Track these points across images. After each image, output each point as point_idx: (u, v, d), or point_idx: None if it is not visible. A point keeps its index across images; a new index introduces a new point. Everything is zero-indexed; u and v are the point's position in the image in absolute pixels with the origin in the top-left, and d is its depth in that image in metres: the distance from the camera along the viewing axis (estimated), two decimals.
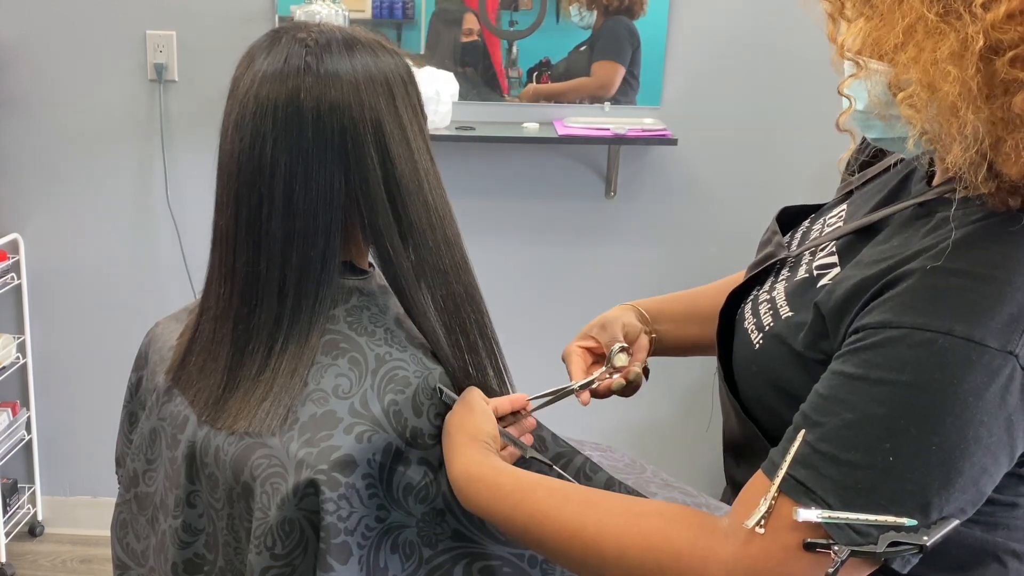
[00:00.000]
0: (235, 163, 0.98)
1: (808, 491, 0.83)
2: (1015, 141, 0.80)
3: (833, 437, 0.84)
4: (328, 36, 0.99)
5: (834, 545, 0.81)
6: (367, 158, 0.97)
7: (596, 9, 2.55)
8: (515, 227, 2.71)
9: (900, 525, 0.81)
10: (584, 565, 0.92)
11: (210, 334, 1.03)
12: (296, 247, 0.98)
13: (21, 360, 2.75)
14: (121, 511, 1.15)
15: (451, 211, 1.05)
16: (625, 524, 0.90)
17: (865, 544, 0.81)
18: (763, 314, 1.03)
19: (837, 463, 0.83)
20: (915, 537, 0.80)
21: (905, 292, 0.84)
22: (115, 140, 2.67)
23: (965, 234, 0.85)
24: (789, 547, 0.83)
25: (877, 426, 0.82)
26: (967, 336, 0.80)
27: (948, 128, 0.82)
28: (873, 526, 0.81)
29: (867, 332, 0.85)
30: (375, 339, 1.01)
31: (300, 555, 0.92)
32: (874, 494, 0.81)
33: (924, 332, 0.81)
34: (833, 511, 0.82)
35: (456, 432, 0.97)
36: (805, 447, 0.85)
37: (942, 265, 0.83)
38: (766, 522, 0.84)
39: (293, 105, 0.96)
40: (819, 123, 2.60)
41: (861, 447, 0.82)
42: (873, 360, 0.83)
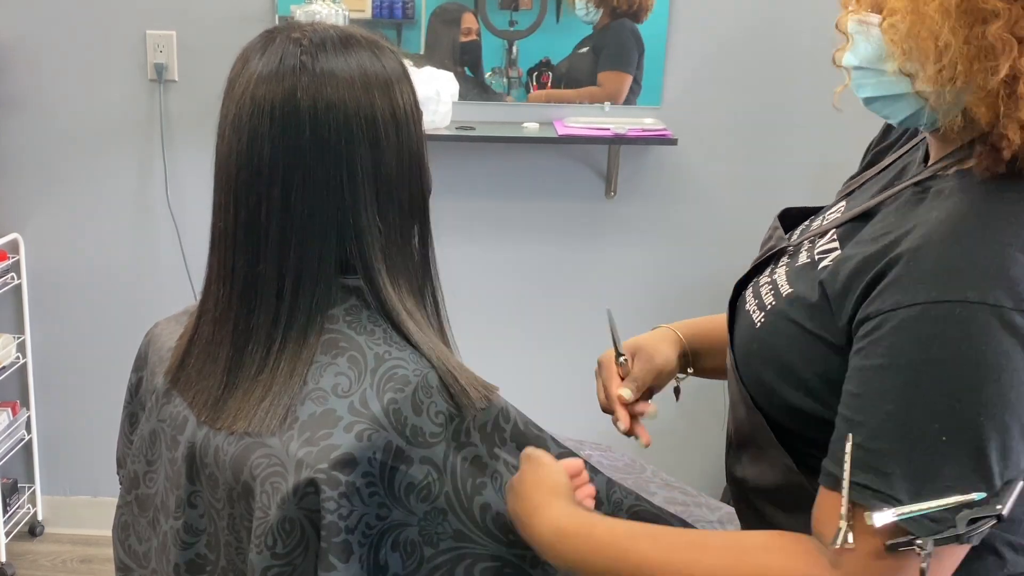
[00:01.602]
0: (233, 164, 0.98)
1: (876, 493, 0.83)
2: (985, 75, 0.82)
3: (881, 432, 0.84)
4: (323, 35, 0.99)
5: (917, 540, 0.81)
6: (365, 156, 0.98)
7: (603, 8, 2.54)
8: (515, 227, 2.71)
9: (971, 501, 0.81)
10: None
11: (209, 335, 1.03)
12: (293, 247, 0.98)
13: (21, 360, 2.75)
14: (122, 513, 1.15)
15: (426, 213, 1.06)
16: (734, 564, 0.90)
17: (945, 529, 0.81)
18: (764, 295, 1.04)
19: (893, 457, 0.83)
20: (989, 509, 0.81)
21: (910, 270, 0.84)
22: (115, 140, 2.67)
23: (961, 202, 0.86)
24: (877, 553, 0.84)
25: (920, 410, 0.82)
26: (982, 300, 0.80)
27: (925, 48, 0.84)
28: (947, 510, 0.81)
29: (882, 318, 0.85)
30: (374, 338, 1.01)
31: (301, 554, 0.93)
32: (938, 478, 0.82)
33: (940, 305, 0.81)
34: (904, 506, 0.82)
35: (533, 491, 0.96)
36: (858, 450, 0.85)
37: (942, 236, 0.84)
38: (850, 535, 0.84)
39: (290, 105, 0.96)
40: (819, 123, 2.61)
41: (911, 435, 0.82)
42: (896, 345, 0.84)
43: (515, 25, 2.57)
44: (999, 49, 0.82)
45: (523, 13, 2.56)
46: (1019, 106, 0.82)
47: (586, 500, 1.01)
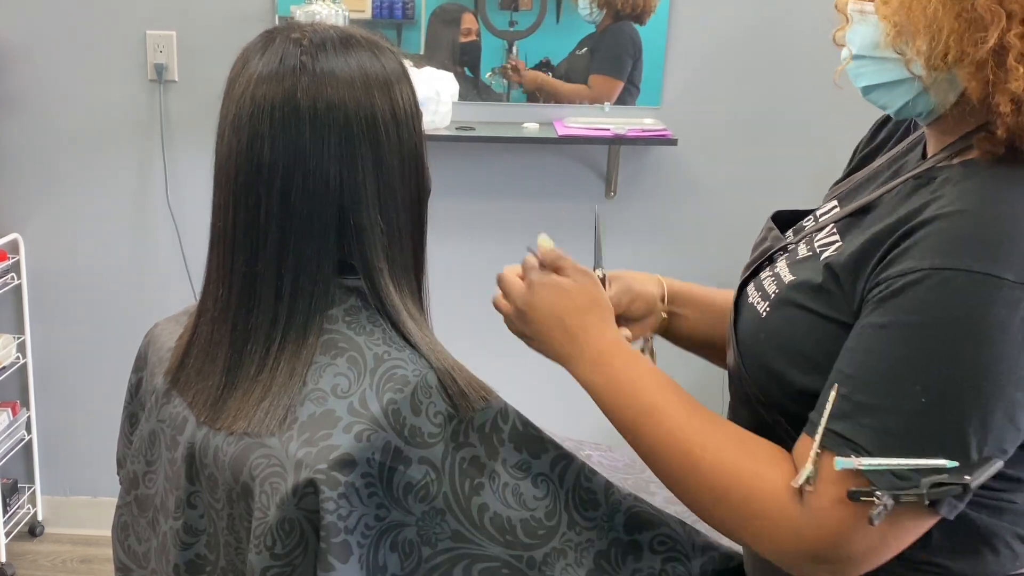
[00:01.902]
0: (232, 164, 0.98)
1: (848, 442, 0.85)
2: (975, 47, 0.83)
3: (865, 386, 0.85)
4: (322, 35, 0.99)
5: (876, 491, 0.82)
6: (365, 156, 0.98)
7: (606, 9, 2.54)
8: (515, 227, 2.70)
9: (941, 467, 0.82)
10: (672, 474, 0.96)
11: (208, 336, 1.03)
12: (292, 247, 0.98)
13: (21, 360, 2.75)
14: (122, 513, 1.15)
15: (424, 212, 1.07)
16: (727, 448, 0.94)
17: (908, 488, 0.82)
18: (768, 287, 1.04)
19: (872, 410, 0.84)
20: (957, 477, 0.81)
21: (921, 239, 0.86)
22: (115, 140, 2.67)
23: (970, 184, 0.87)
24: (836, 500, 0.85)
25: (905, 369, 0.83)
26: (985, 271, 0.81)
27: (915, 20, 0.85)
28: (914, 470, 0.82)
29: (890, 283, 0.86)
30: (373, 338, 1.01)
31: (300, 554, 0.93)
32: (910, 438, 0.82)
33: (943, 272, 0.82)
34: (872, 458, 0.83)
35: (594, 308, 1.03)
36: (840, 400, 0.86)
37: (953, 210, 0.85)
38: (815, 479, 0.86)
39: (290, 105, 0.96)
40: (819, 123, 2.61)
41: (893, 392, 0.83)
42: (896, 306, 0.85)
43: (515, 25, 2.57)
44: (988, 20, 0.83)
45: (523, 13, 2.56)
46: (1008, 77, 0.83)
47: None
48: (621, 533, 1.05)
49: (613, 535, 1.05)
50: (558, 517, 1.02)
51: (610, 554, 1.04)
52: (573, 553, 1.02)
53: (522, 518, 1.00)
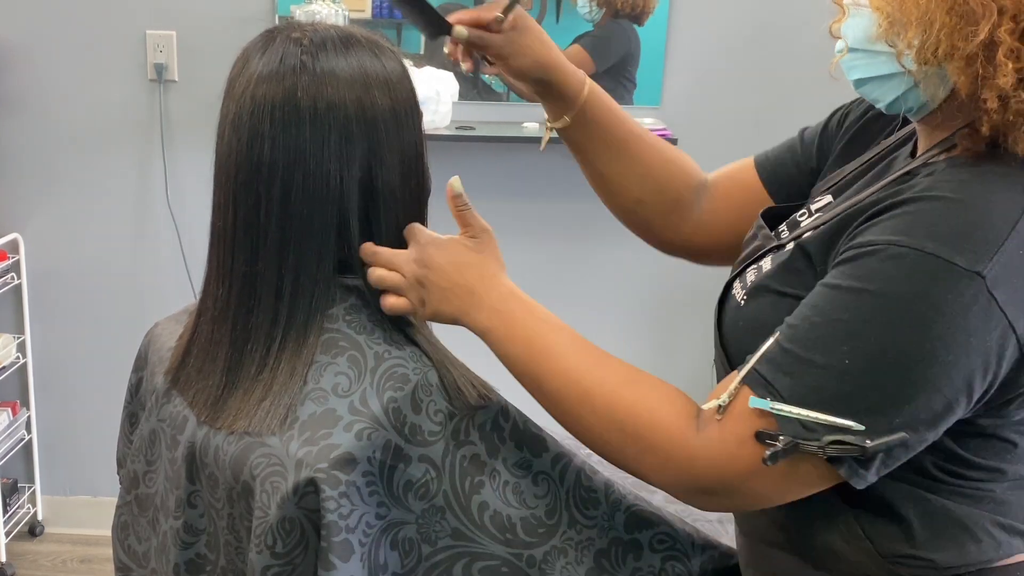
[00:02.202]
0: (232, 164, 0.98)
1: (767, 384, 0.87)
2: (965, 40, 0.84)
3: (799, 338, 0.88)
4: (323, 35, 0.99)
5: (780, 436, 0.85)
6: (365, 155, 0.98)
7: (605, 8, 2.54)
8: (515, 227, 2.70)
9: (848, 427, 0.84)
10: (570, 412, 0.97)
11: (208, 335, 1.03)
12: (292, 246, 0.98)
13: (21, 360, 2.75)
14: (122, 513, 1.15)
15: (424, 212, 1.07)
16: (622, 386, 0.96)
17: (810, 439, 0.84)
18: (749, 277, 1.05)
19: (798, 361, 0.87)
20: (858, 439, 0.83)
21: (889, 217, 0.88)
22: (115, 140, 2.67)
23: (949, 175, 0.89)
24: (742, 436, 0.88)
25: (839, 330, 0.85)
26: (936, 253, 0.82)
27: (907, 13, 0.86)
28: (821, 424, 0.84)
29: (850, 251, 0.88)
30: (374, 337, 1.01)
31: (301, 553, 0.93)
32: (826, 394, 0.85)
33: (898, 247, 0.84)
34: (785, 404, 0.86)
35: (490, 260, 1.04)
36: (775, 346, 0.89)
37: (924, 194, 0.87)
38: (725, 412, 0.89)
39: (290, 104, 0.96)
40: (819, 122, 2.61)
41: (821, 348, 0.86)
42: (848, 271, 0.87)
43: None
44: (979, 14, 0.83)
45: None
46: (997, 73, 0.84)
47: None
48: (621, 532, 1.05)
49: (613, 534, 1.05)
50: (558, 515, 1.02)
51: (610, 552, 1.04)
52: (573, 551, 1.02)
53: (522, 516, 1.00)
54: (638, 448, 0.94)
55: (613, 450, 0.97)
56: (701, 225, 1.30)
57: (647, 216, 1.34)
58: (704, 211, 1.31)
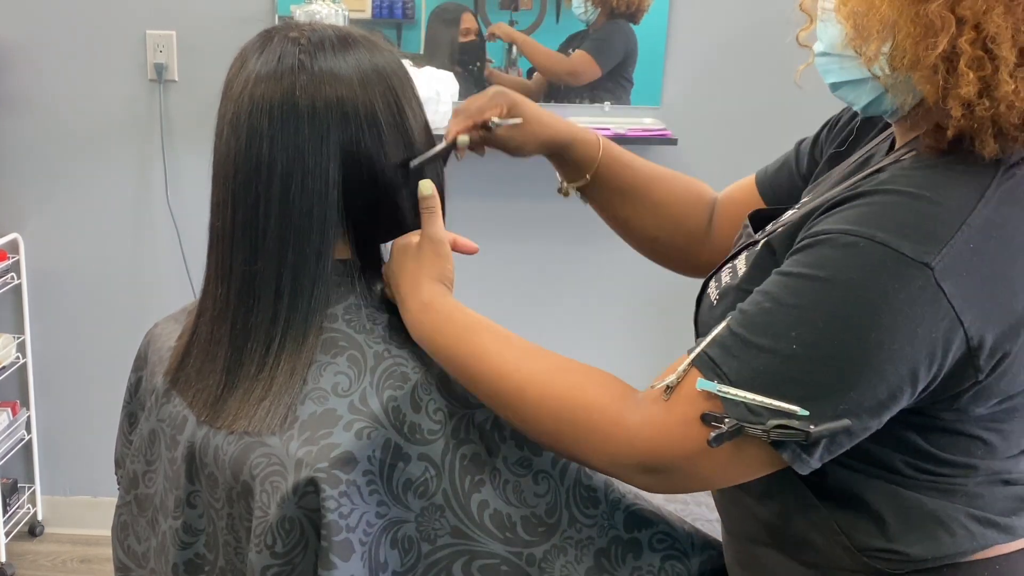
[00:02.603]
0: (231, 164, 0.98)
1: (716, 367, 0.88)
2: (927, 51, 0.84)
3: (749, 323, 0.88)
4: (320, 34, 1.00)
5: (726, 418, 0.86)
6: (364, 154, 0.98)
7: (601, 8, 2.55)
8: (515, 227, 2.71)
9: (792, 412, 0.85)
10: (508, 407, 0.97)
11: (208, 335, 1.03)
12: (292, 245, 0.98)
13: (21, 360, 2.75)
14: (121, 513, 1.15)
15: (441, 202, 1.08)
16: (551, 375, 0.96)
17: (755, 423, 0.85)
18: (724, 277, 1.06)
19: (746, 345, 0.87)
20: (803, 424, 0.84)
21: (844, 208, 0.89)
22: (115, 140, 2.67)
23: (908, 170, 0.90)
24: (687, 418, 0.89)
25: (788, 315, 0.86)
26: (885, 242, 0.83)
27: (869, 24, 0.87)
28: (766, 408, 0.85)
29: (805, 240, 0.89)
30: (373, 336, 1.01)
31: (300, 553, 0.93)
32: (773, 379, 0.85)
33: (849, 236, 0.85)
34: (732, 387, 0.86)
35: (419, 270, 1.03)
36: (725, 330, 0.90)
37: (880, 188, 0.88)
38: (672, 393, 0.90)
39: (289, 103, 0.96)
40: (819, 123, 2.60)
41: (769, 333, 0.86)
42: (801, 259, 0.88)
43: (515, 25, 2.57)
44: (938, 26, 0.84)
45: (523, 13, 2.56)
46: (959, 83, 0.84)
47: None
48: (621, 531, 1.05)
49: (613, 533, 1.05)
50: (558, 514, 1.02)
51: (610, 551, 1.04)
52: (573, 550, 1.02)
53: (523, 515, 1.00)
54: (575, 432, 0.94)
55: (552, 438, 0.97)
56: (716, 249, 1.31)
57: (667, 250, 1.37)
58: (715, 235, 1.34)
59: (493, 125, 1.19)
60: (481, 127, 1.20)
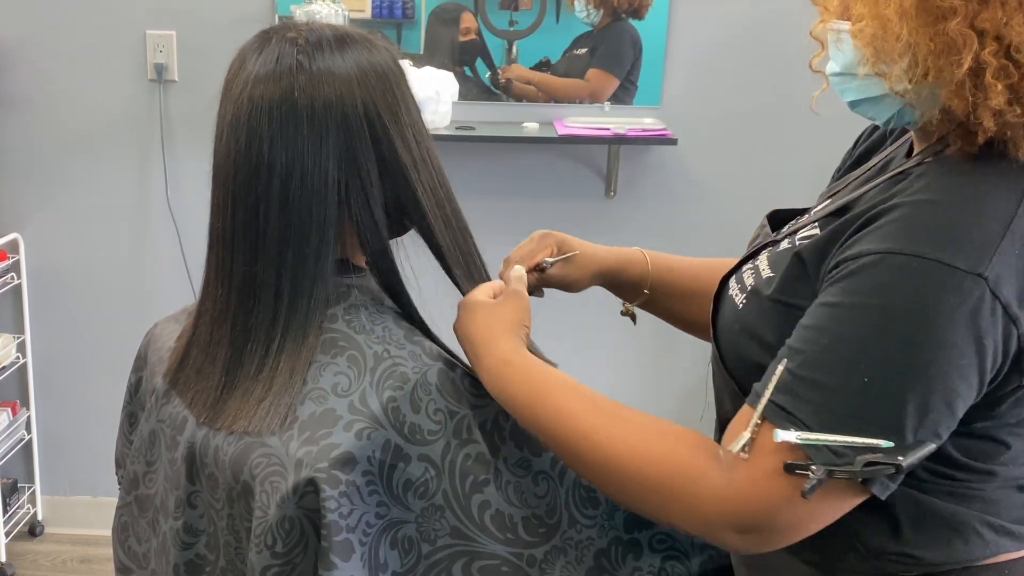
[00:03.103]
0: (231, 164, 0.98)
1: (788, 415, 0.86)
2: (952, 69, 0.84)
3: (811, 362, 0.86)
4: (318, 34, 1.00)
5: (812, 466, 0.84)
6: (364, 153, 0.98)
7: (603, 9, 2.55)
8: (515, 227, 2.70)
9: (876, 447, 0.83)
10: (590, 468, 0.96)
11: (207, 336, 1.03)
12: (292, 246, 0.98)
13: (21, 360, 2.75)
14: (122, 514, 1.15)
15: (454, 195, 1.08)
16: (635, 436, 0.94)
17: (842, 465, 0.83)
18: (746, 279, 1.05)
19: (815, 386, 0.85)
20: (891, 457, 0.82)
21: (883, 224, 0.87)
22: (115, 140, 2.67)
23: (940, 176, 0.89)
24: (771, 471, 0.86)
25: (852, 348, 0.84)
26: (937, 258, 0.82)
27: (890, 49, 0.87)
28: (850, 447, 0.83)
29: (846, 263, 0.88)
30: (373, 337, 1.01)
31: (300, 553, 0.93)
32: (850, 415, 0.84)
33: (897, 256, 0.84)
34: (811, 432, 0.84)
35: (496, 321, 1.02)
36: (786, 374, 0.88)
37: (916, 199, 0.87)
38: (750, 448, 0.87)
39: (287, 104, 0.96)
40: (819, 123, 2.60)
41: (837, 370, 0.85)
42: (849, 287, 0.86)
43: (515, 25, 2.57)
44: (960, 43, 0.83)
45: (523, 13, 2.56)
46: (988, 95, 0.84)
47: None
48: (621, 531, 1.05)
49: (613, 533, 1.05)
50: (558, 515, 1.02)
51: (610, 552, 1.04)
52: (573, 551, 1.02)
53: (524, 516, 1.00)
54: (662, 496, 0.92)
55: (638, 502, 0.95)
56: None
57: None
58: None
59: (547, 265, 1.24)
60: (535, 270, 1.24)
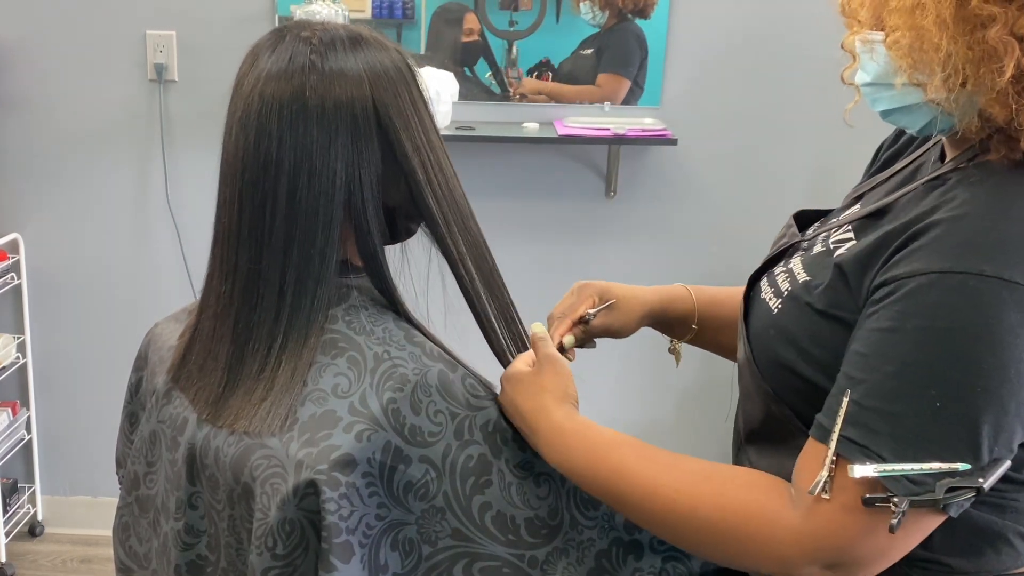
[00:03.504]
0: (239, 161, 0.98)
1: (862, 448, 0.85)
2: (992, 76, 0.83)
3: (878, 391, 0.85)
4: (332, 34, 0.99)
5: (893, 498, 0.83)
6: (372, 154, 0.98)
7: (609, 10, 2.55)
8: (515, 227, 2.71)
9: (954, 470, 0.82)
10: (660, 522, 0.95)
11: (210, 332, 1.03)
12: (297, 244, 0.98)
13: (21, 360, 2.75)
14: (123, 514, 1.15)
15: (466, 198, 1.09)
16: (699, 485, 0.94)
17: (923, 493, 0.82)
18: (780, 283, 1.04)
19: (886, 416, 0.84)
20: (971, 480, 0.82)
21: (932, 241, 0.86)
22: (115, 140, 2.67)
23: (984, 185, 0.87)
24: (850, 507, 0.85)
25: (920, 374, 0.83)
26: (997, 275, 0.81)
27: (929, 60, 0.86)
28: (928, 474, 0.83)
29: (897, 284, 0.86)
30: (373, 338, 1.01)
31: (301, 555, 0.93)
32: (925, 442, 0.83)
33: (955, 275, 0.82)
34: (888, 464, 0.83)
35: (543, 392, 1.02)
36: (852, 406, 0.86)
37: (965, 212, 0.85)
38: (830, 487, 0.86)
39: (298, 103, 0.96)
40: (819, 123, 2.61)
41: (907, 397, 0.84)
42: (907, 310, 0.85)
43: (515, 25, 2.57)
44: (1001, 51, 0.83)
45: (523, 13, 2.56)
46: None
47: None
48: (622, 532, 1.05)
49: (614, 534, 1.05)
50: (560, 516, 1.02)
51: (611, 553, 1.04)
52: (575, 552, 1.02)
53: (526, 517, 1.00)
54: (736, 540, 0.92)
55: (713, 549, 0.95)
56: None
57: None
58: None
59: (590, 316, 1.24)
60: (579, 323, 1.24)
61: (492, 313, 1.08)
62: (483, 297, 1.07)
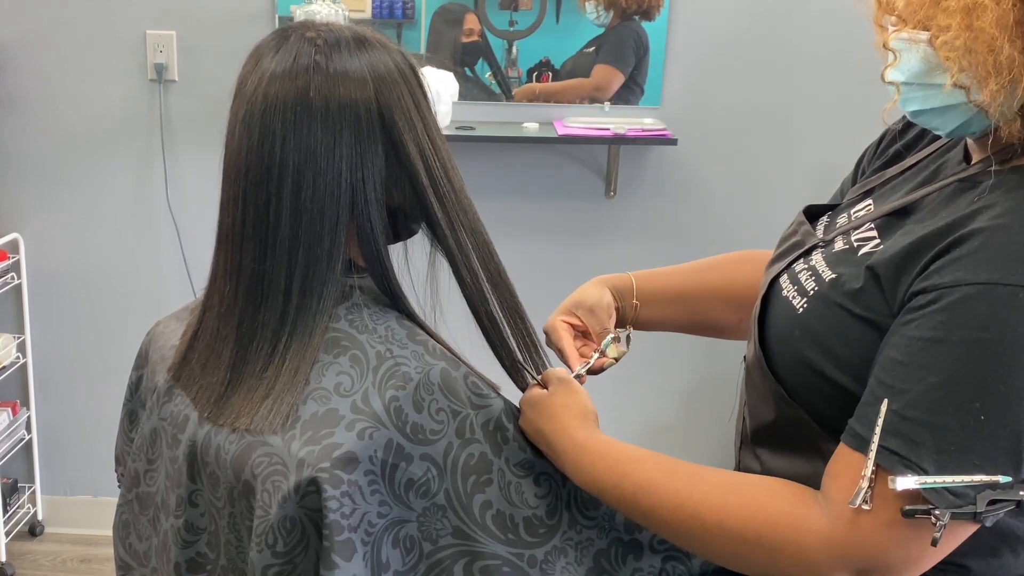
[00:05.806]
0: (243, 161, 0.98)
1: (903, 459, 0.84)
2: None
3: (921, 402, 0.84)
4: (337, 35, 1.00)
5: (934, 510, 0.82)
6: (375, 156, 0.98)
7: (613, 9, 2.55)
8: (515, 227, 2.71)
9: (995, 483, 0.82)
10: (688, 535, 0.95)
11: (213, 331, 1.03)
12: (303, 245, 0.98)
13: (21, 360, 2.75)
14: (123, 512, 1.15)
15: (470, 199, 1.09)
16: (724, 495, 0.94)
17: (964, 505, 0.82)
18: (804, 281, 1.03)
19: (929, 428, 0.83)
20: (1012, 493, 0.82)
21: (976, 250, 0.84)
22: (115, 140, 2.67)
23: (1014, 187, 0.86)
24: (889, 518, 0.85)
25: (965, 386, 0.82)
26: None
27: (984, 63, 0.84)
28: (970, 487, 0.82)
29: (939, 292, 0.85)
30: (376, 336, 1.01)
31: (301, 553, 0.93)
32: (968, 454, 0.82)
33: (1003, 287, 0.82)
34: (930, 476, 0.82)
35: (564, 411, 1.02)
36: (892, 416, 0.85)
37: (1009, 222, 0.84)
38: (870, 497, 0.85)
39: (302, 103, 0.96)
40: (819, 123, 2.61)
41: (951, 409, 0.83)
42: (952, 320, 0.84)
43: (515, 25, 2.58)
44: None
45: (523, 13, 2.56)
46: None
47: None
48: (621, 532, 1.05)
49: (614, 534, 1.05)
50: (559, 516, 1.02)
51: (610, 553, 1.04)
52: (574, 552, 1.02)
53: (525, 516, 1.00)
54: (764, 550, 0.91)
55: (742, 560, 0.94)
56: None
57: (742, 332, 1.33)
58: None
59: (609, 365, 1.27)
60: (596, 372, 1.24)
61: (499, 313, 1.08)
62: (489, 297, 1.07)
